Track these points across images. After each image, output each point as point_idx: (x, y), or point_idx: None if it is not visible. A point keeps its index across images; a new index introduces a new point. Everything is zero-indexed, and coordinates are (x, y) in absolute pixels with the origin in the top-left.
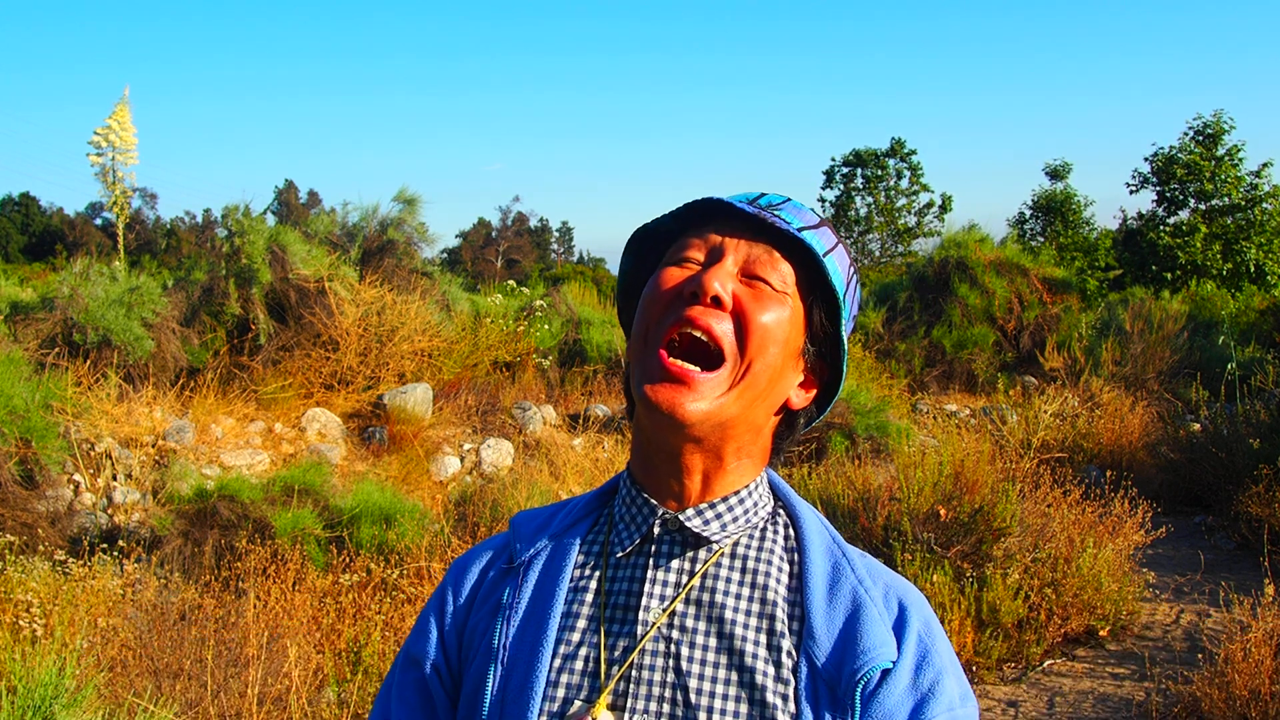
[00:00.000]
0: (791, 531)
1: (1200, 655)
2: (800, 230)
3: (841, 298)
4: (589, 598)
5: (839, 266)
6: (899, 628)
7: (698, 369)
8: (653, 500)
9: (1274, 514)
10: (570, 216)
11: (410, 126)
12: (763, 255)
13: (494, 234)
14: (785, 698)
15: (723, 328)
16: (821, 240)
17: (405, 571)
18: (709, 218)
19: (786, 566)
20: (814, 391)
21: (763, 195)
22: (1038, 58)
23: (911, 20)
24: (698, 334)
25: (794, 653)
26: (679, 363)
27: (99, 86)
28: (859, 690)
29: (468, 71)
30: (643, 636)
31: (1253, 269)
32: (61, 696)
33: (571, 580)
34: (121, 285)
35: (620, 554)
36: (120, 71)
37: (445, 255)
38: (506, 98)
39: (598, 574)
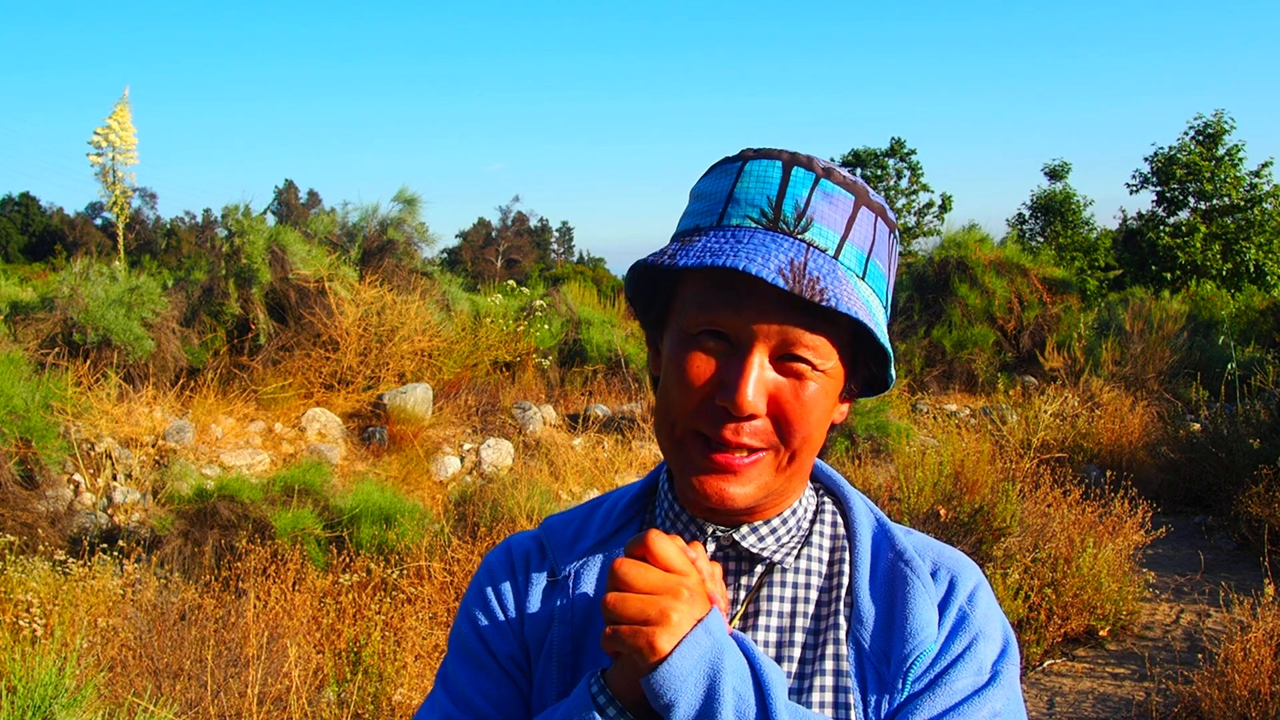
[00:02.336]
0: (839, 518)
1: (1200, 655)
2: (838, 250)
3: (883, 323)
4: None
5: (880, 265)
6: (945, 603)
7: (744, 454)
8: (705, 518)
9: (1274, 514)
10: (570, 216)
11: (410, 126)
12: (803, 337)
13: (494, 234)
14: (839, 689)
15: (759, 440)
16: (860, 247)
17: (405, 571)
18: (731, 279)
19: (838, 556)
20: (851, 406)
21: (787, 181)
22: (1037, 58)
23: (911, 20)
24: (735, 455)
25: (844, 639)
26: (725, 456)
27: (99, 86)
28: (907, 674)
29: (468, 71)
30: None
31: (1252, 269)
32: (61, 696)
33: None
34: (121, 285)
35: None
36: (120, 72)
37: (445, 255)
38: (506, 98)
39: None
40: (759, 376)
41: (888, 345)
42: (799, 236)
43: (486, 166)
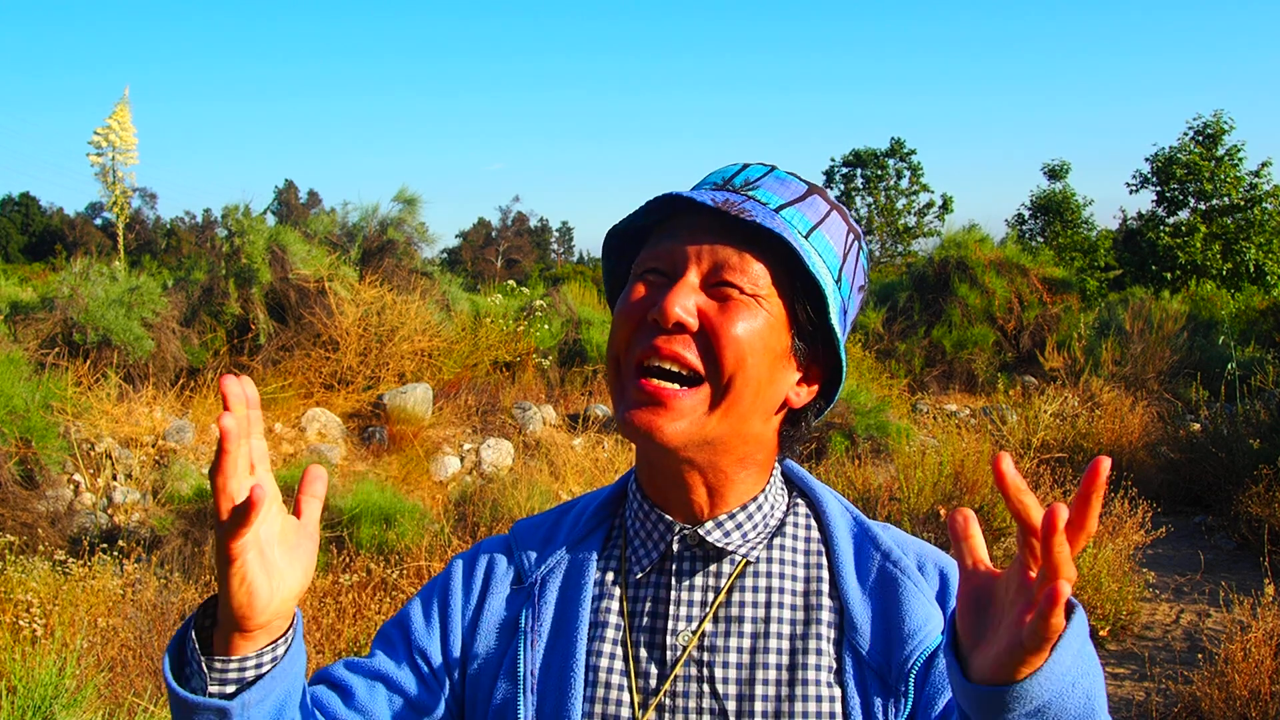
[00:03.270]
0: (814, 521)
1: (1200, 655)
2: (779, 209)
3: (829, 285)
4: (612, 619)
5: (831, 241)
6: (943, 596)
7: (676, 386)
8: (667, 515)
9: (1274, 514)
10: (570, 216)
11: (410, 126)
12: (731, 257)
13: (494, 234)
14: (833, 698)
15: (691, 353)
16: (806, 215)
17: (405, 571)
18: (677, 214)
19: (815, 559)
20: (817, 385)
21: (744, 168)
22: (1037, 58)
23: (911, 20)
24: (666, 365)
25: (836, 647)
26: (655, 382)
27: (99, 86)
28: (911, 677)
29: (468, 71)
30: (674, 662)
31: (1252, 269)
32: (61, 696)
33: (592, 601)
34: (121, 285)
35: (640, 574)
36: (120, 72)
37: (445, 255)
38: (506, 98)
39: (619, 593)
40: (686, 290)
41: (819, 276)
42: (742, 192)
43: (486, 166)
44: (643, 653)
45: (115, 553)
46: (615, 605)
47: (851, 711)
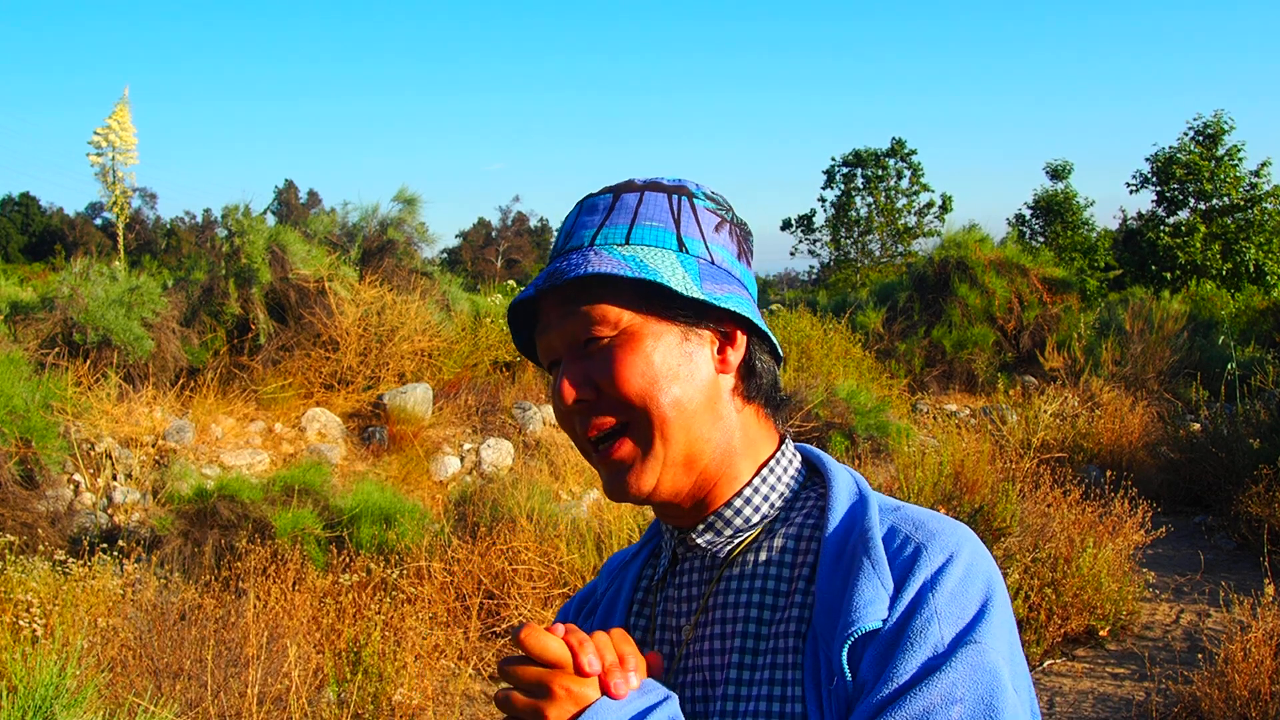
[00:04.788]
0: (821, 504)
1: (1200, 655)
2: (594, 239)
3: (665, 263)
4: (643, 623)
5: (654, 222)
6: (903, 580)
7: (608, 445)
8: (668, 523)
9: (1274, 514)
10: None
11: (410, 126)
12: (580, 319)
13: (494, 234)
14: (794, 681)
15: (604, 416)
16: (619, 223)
17: (405, 571)
18: (540, 302)
19: (808, 545)
20: (739, 338)
21: (578, 213)
22: (1038, 58)
23: (911, 20)
24: (600, 440)
25: (794, 629)
26: (601, 456)
27: (99, 86)
28: (844, 652)
29: (468, 72)
30: (677, 657)
31: (1252, 269)
32: (62, 696)
33: (631, 610)
34: (121, 285)
35: (656, 579)
36: (120, 72)
37: (445, 255)
38: (506, 98)
39: (647, 599)
40: (570, 370)
41: (647, 271)
42: (564, 252)
43: (486, 166)
44: (659, 650)
45: (115, 553)
46: (647, 611)
47: (807, 692)
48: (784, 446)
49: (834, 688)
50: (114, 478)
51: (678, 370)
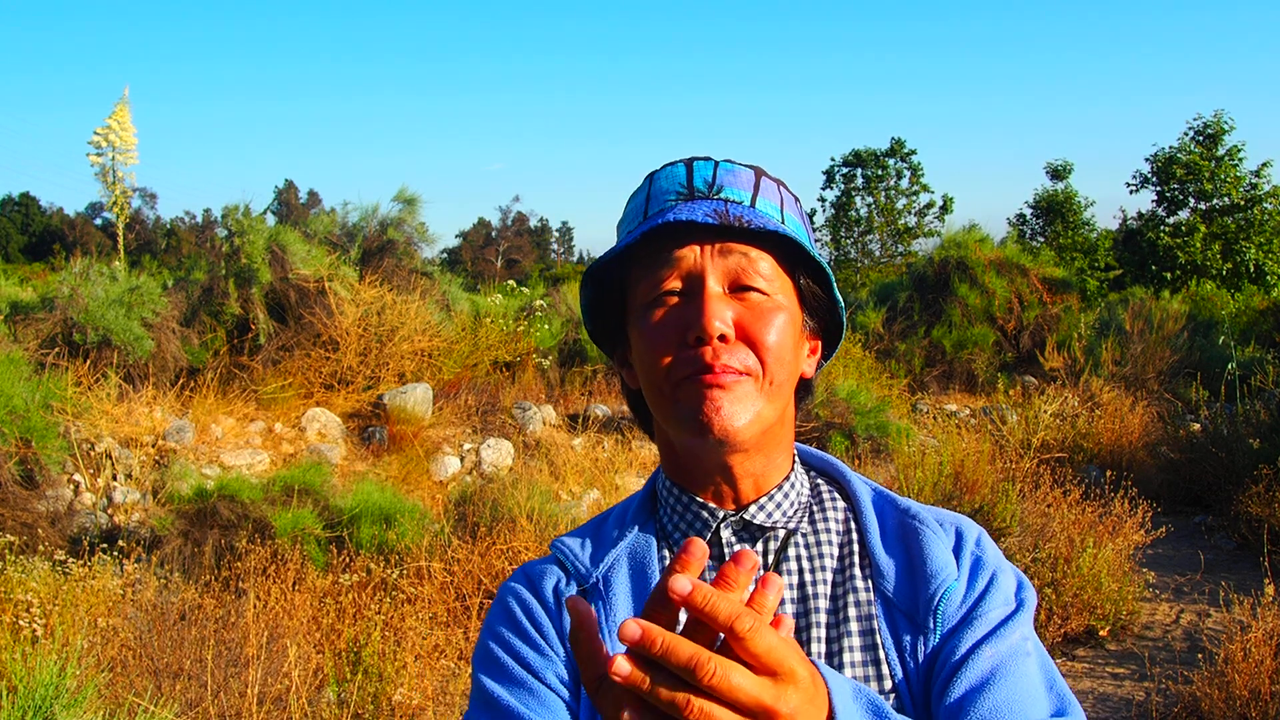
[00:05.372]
0: (838, 493)
1: (1200, 655)
2: (753, 203)
3: (822, 260)
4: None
5: (793, 213)
6: (957, 549)
7: (730, 375)
8: (710, 504)
9: (1274, 514)
10: (570, 216)
11: (410, 126)
12: (741, 261)
13: (494, 234)
14: (870, 645)
15: (744, 363)
16: (771, 200)
17: (405, 571)
18: (661, 234)
19: (846, 525)
20: (818, 346)
21: (692, 167)
22: (1038, 58)
23: (911, 20)
24: (725, 382)
25: (869, 593)
26: (713, 376)
27: (99, 86)
28: (936, 612)
29: (468, 71)
30: None
31: (1252, 269)
32: (62, 696)
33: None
34: (121, 285)
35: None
36: (120, 72)
37: (445, 255)
38: (506, 98)
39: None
40: (717, 301)
41: (820, 258)
42: (715, 196)
43: (486, 166)
44: None
45: (115, 553)
46: None
47: (888, 651)
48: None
49: (920, 644)
50: (114, 478)
51: (795, 358)
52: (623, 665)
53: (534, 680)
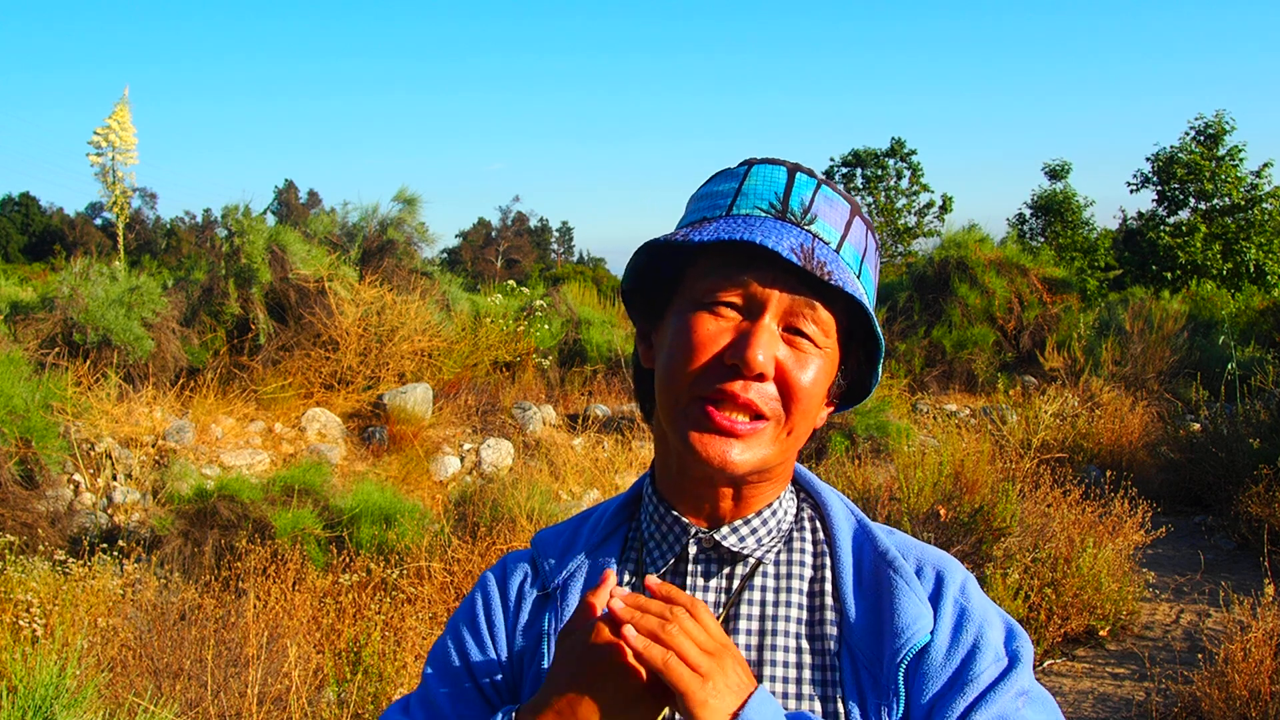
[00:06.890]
0: (819, 525)
1: (1200, 655)
2: (839, 246)
3: (879, 326)
4: None
5: (869, 267)
6: (935, 597)
7: (745, 420)
8: (684, 519)
9: (1274, 514)
10: (570, 216)
11: (410, 126)
12: (804, 307)
13: (494, 234)
14: (828, 698)
15: (769, 405)
16: (855, 248)
17: (405, 571)
18: (746, 248)
19: (820, 560)
20: (835, 404)
21: (793, 180)
22: (1037, 58)
23: (911, 20)
24: (738, 416)
25: (836, 644)
26: (728, 417)
27: (99, 86)
28: (900, 672)
29: (468, 71)
30: None
31: (1253, 269)
32: (62, 696)
33: None
34: (121, 285)
35: (656, 576)
36: (120, 71)
37: (445, 255)
38: (506, 98)
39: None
40: (770, 338)
41: (880, 334)
42: (805, 227)
43: (486, 166)
44: None
45: (115, 553)
46: None
47: (851, 711)
48: None
49: (881, 703)
50: (114, 478)
51: (818, 410)
52: (618, 602)
53: (473, 685)
